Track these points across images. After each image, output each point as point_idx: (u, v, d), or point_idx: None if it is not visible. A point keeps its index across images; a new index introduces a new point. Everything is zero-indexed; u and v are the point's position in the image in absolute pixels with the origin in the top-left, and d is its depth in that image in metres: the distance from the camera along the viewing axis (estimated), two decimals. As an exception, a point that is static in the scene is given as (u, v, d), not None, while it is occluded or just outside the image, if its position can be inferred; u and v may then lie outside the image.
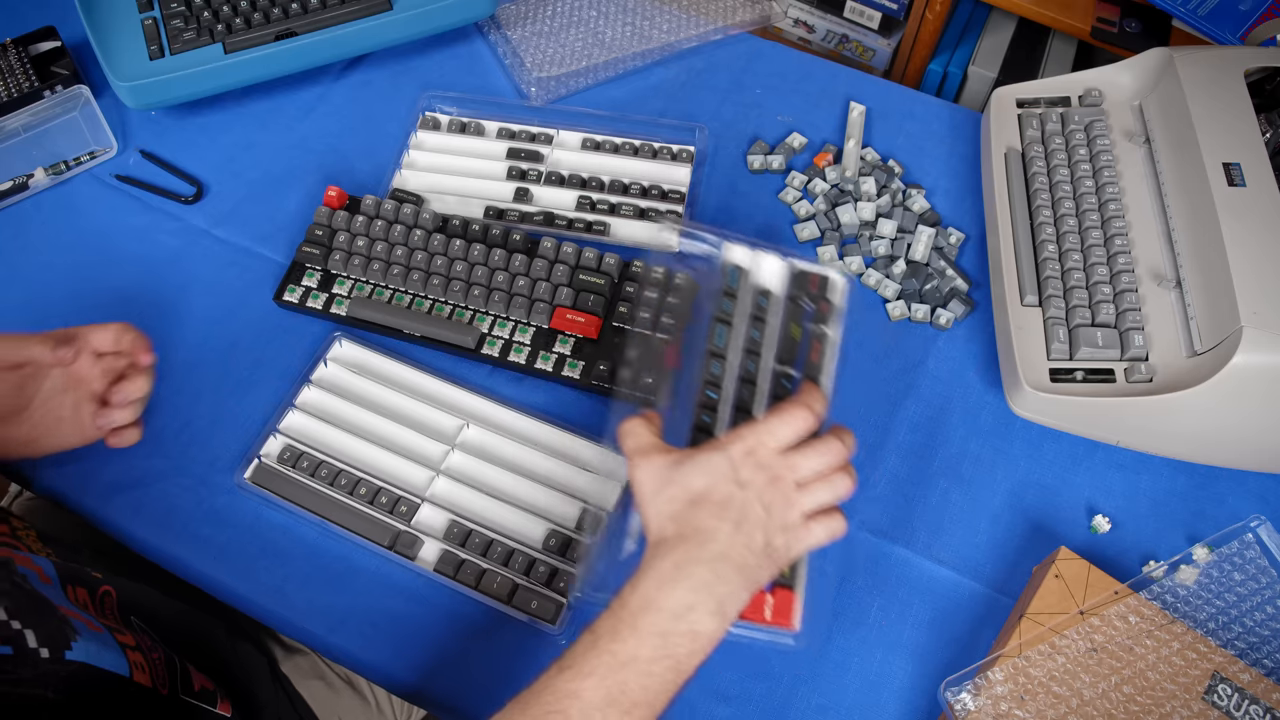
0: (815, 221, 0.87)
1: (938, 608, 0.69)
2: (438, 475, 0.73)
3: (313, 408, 0.76)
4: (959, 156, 0.92)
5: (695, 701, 0.66)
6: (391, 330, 0.79)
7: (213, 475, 0.73)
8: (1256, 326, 0.63)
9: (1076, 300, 0.74)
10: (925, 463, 0.75)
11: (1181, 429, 0.70)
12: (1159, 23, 1.20)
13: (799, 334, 0.66)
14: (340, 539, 0.71)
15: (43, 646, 0.52)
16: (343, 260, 0.82)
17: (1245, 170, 0.71)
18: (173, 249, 0.85)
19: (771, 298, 0.67)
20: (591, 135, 0.92)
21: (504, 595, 0.68)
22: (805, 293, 0.67)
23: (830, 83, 0.97)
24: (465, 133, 0.92)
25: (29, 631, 0.51)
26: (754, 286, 0.67)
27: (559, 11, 1.02)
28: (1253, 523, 0.69)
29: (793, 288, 0.67)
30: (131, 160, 0.91)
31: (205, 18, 0.89)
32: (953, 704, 0.62)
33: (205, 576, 0.70)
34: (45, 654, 0.52)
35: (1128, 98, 0.85)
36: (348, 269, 0.82)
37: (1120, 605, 0.65)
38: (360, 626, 0.68)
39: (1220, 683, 0.62)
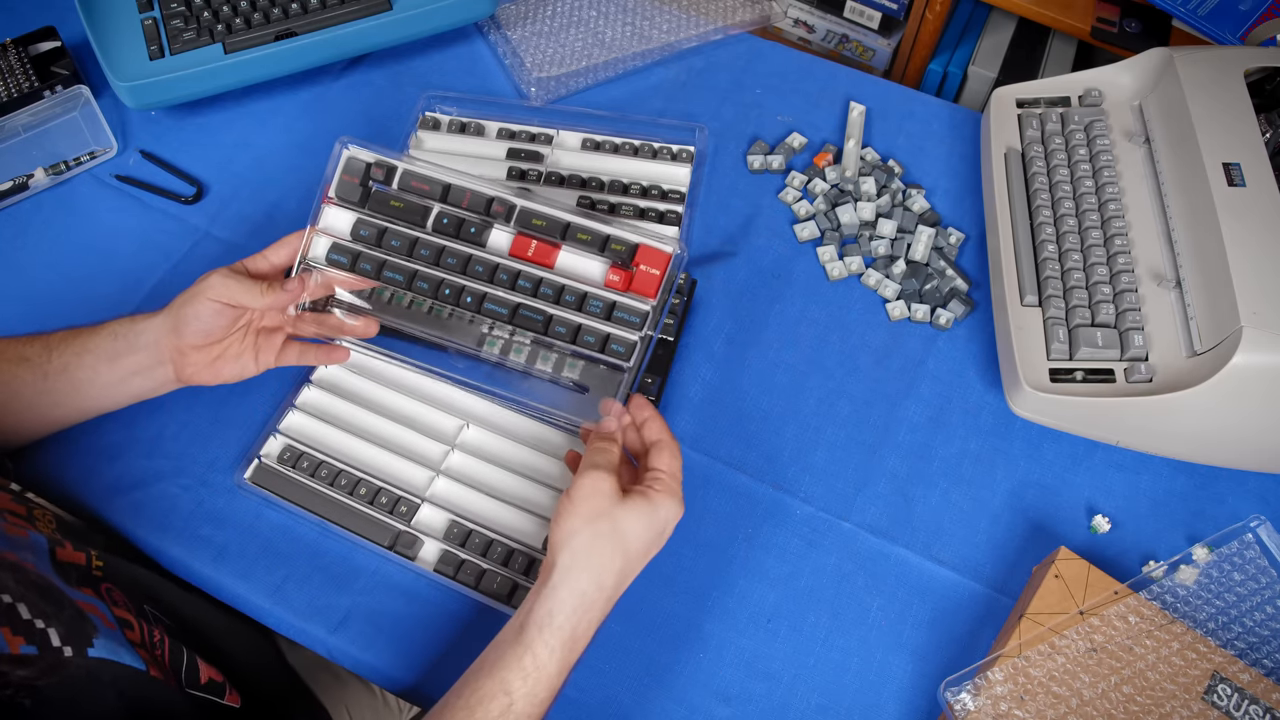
0: (815, 221, 0.87)
1: (938, 608, 0.69)
2: (438, 475, 0.73)
3: (313, 408, 0.76)
4: (959, 156, 0.92)
5: (695, 701, 0.66)
6: (392, 330, 0.79)
7: (213, 475, 0.73)
8: (1256, 326, 0.63)
9: (1076, 300, 0.74)
10: (925, 463, 0.75)
11: (1181, 429, 0.70)
12: (1159, 23, 1.20)
13: (400, 203, 0.70)
14: (340, 539, 0.71)
15: (66, 645, 0.52)
16: (343, 260, 0.81)
17: (1245, 170, 0.71)
18: (173, 249, 0.85)
19: (366, 220, 0.71)
20: (591, 135, 0.92)
21: (504, 595, 0.68)
22: (358, 186, 0.71)
23: (830, 83, 0.97)
24: (465, 133, 0.92)
25: (52, 630, 0.52)
26: (349, 234, 0.71)
27: (559, 11, 1.02)
28: (1253, 523, 0.69)
29: (351, 198, 0.71)
30: (131, 160, 0.91)
31: (205, 18, 0.89)
32: (953, 704, 0.62)
33: (205, 576, 0.70)
34: (69, 652, 0.52)
35: (1128, 98, 0.85)
36: (348, 269, 0.81)
37: (1120, 605, 0.65)
38: (360, 626, 0.68)
39: (1220, 683, 0.62)
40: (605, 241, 0.68)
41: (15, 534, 0.59)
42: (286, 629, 0.69)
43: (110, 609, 0.59)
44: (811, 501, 0.74)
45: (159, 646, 0.61)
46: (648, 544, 0.60)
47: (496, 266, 0.69)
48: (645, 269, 0.67)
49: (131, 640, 0.58)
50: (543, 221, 0.69)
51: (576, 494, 0.59)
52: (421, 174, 0.71)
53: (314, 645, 0.69)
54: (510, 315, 0.68)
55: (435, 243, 0.70)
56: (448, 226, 0.70)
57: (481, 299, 0.68)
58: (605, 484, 0.59)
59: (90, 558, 0.64)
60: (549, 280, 0.68)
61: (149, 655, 0.59)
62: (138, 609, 0.62)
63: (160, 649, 0.61)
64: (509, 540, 0.70)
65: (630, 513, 0.59)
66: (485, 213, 0.70)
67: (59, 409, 0.69)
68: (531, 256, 0.69)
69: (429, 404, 0.76)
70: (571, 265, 0.69)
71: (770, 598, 0.70)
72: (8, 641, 0.49)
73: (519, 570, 0.68)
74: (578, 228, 0.68)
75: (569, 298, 0.68)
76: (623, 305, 0.67)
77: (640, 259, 0.67)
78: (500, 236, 0.70)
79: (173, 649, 0.62)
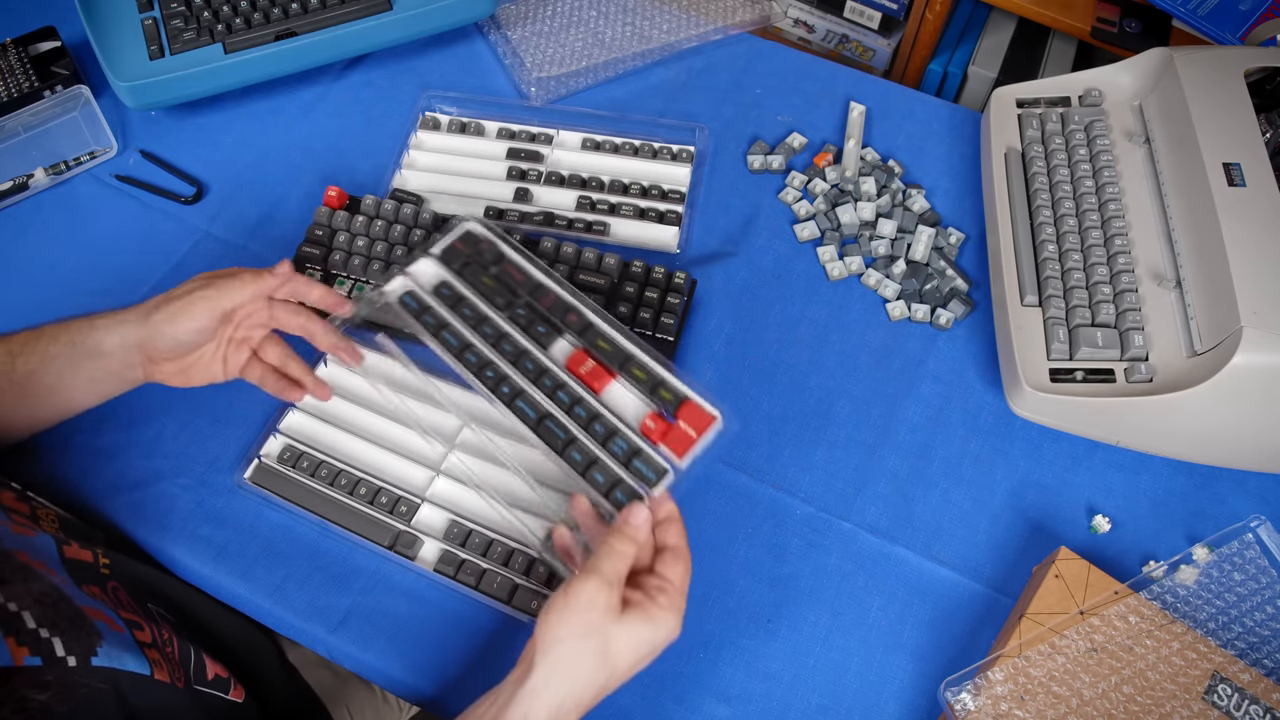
0: (815, 221, 0.87)
1: (938, 608, 0.69)
2: (438, 475, 0.73)
3: (313, 408, 0.76)
4: (959, 156, 0.92)
5: (696, 701, 0.66)
6: (392, 330, 0.79)
7: (213, 475, 0.73)
8: (1256, 326, 0.63)
9: (1076, 300, 0.74)
10: (925, 463, 0.75)
11: (1181, 429, 0.70)
12: (1159, 23, 1.20)
13: (491, 280, 0.71)
14: (340, 539, 0.71)
15: (70, 655, 0.51)
16: (343, 260, 0.82)
17: (1245, 170, 0.71)
18: (173, 249, 0.85)
19: (449, 283, 0.72)
20: (591, 135, 0.92)
21: (504, 595, 0.68)
22: (463, 257, 0.73)
23: (830, 83, 0.97)
24: (465, 133, 0.92)
25: (56, 639, 0.51)
26: (431, 288, 0.72)
27: (559, 11, 1.02)
28: (1253, 523, 0.69)
29: (453, 264, 0.73)
30: (131, 160, 0.91)
31: (205, 18, 0.89)
32: (953, 704, 0.62)
33: (205, 576, 0.70)
34: (73, 662, 0.51)
35: (1128, 98, 0.85)
36: (348, 269, 0.82)
37: (1120, 605, 0.65)
38: (360, 626, 0.68)
39: (1220, 683, 0.62)
40: (658, 386, 0.65)
41: (22, 533, 0.59)
42: (286, 629, 0.69)
43: (117, 611, 0.58)
44: (811, 501, 0.74)
45: (169, 644, 0.61)
46: (636, 662, 0.55)
47: (546, 370, 0.67)
48: (684, 426, 0.64)
49: (142, 641, 0.58)
50: (609, 347, 0.67)
51: (573, 601, 0.54)
52: (521, 266, 0.72)
53: (314, 645, 0.69)
54: (535, 422, 0.66)
55: (503, 328, 0.69)
56: (522, 318, 0.69)
57: (517, 394, 0.67)
58: (606, 598, 0.54)
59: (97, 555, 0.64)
60: (588, 404, 0.66)
61: (159, 655, 0.59)
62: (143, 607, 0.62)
63: (170, 647, 0.61)
64: (509, 540, 0.70)
65: (626, 632, 0.54)
66: (561, 319, 0.69)
67: (35, 411, 0.69)
68: (583, 375, 0.67)
69: (429, 404, 0.76)
70: (617, 397, 0.67)
71: (770, 598, 0.70)
72: (12, 653, 0.48)
73: (519, 570, 0.68)
74: (637, 363, 0.66)
75: (598, 428, 0.65)
76: (646, 457, 0.63)
77: (684, 414, 0.64)
78: (564, 346, 0.69)
79: (181, 646, 0.62)
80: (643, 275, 0.80)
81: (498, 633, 0.68)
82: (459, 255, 0.73)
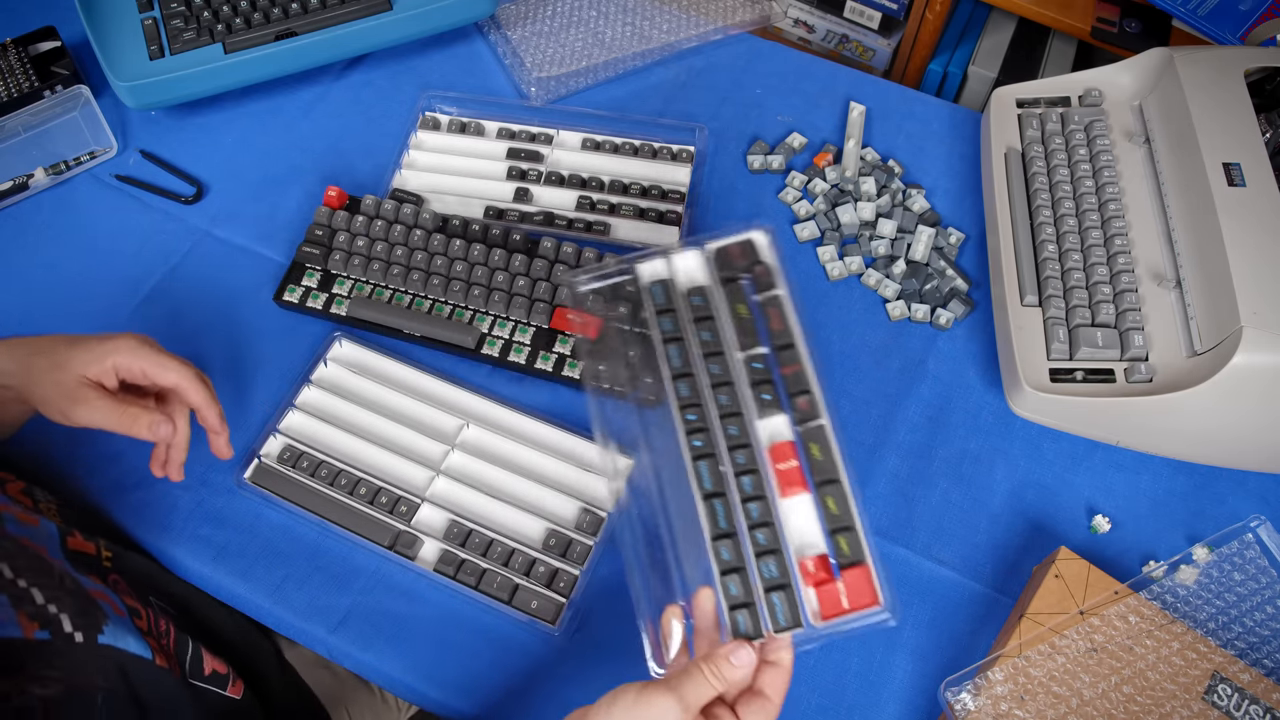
0: (815, 221, 0.87)
1: (938, 608, 0.69)
2: (438, 475, 0.73)
3: (313, 408, 0.76)
4: (959, 156, 0.92)
5: (695, 701, 0.66)
6: (391, 330, 0.79)
7: (213, 475, 0.73)
8: (1256, 326, 0.63)
9: (1076, 300, 0.74)
10: (925, 463, 0.75)
11: (1181, 429, 0.70)
12: (1159, 23, 1.20)
13: (747, 311, 0.63)
14: (340, 539, 0.71)
15: (77, 631, 0.52)
16: (343, 260, 0.82)
17: (1245, 170, 0.71)
18: (173, 249, 0.85)
19: (706, 291, 0.64)
20: (591, 135, 0.92)
21: (504, 595, 0.68)
22: (733, 268, 0.65)
23: (830, 83, 0.97)
24: (465, 133, 0.92)
25: (64, 616, 0.52)
26: (682, 290, 0.65)
27: (559, 11, 1.02)
28: (1253, 523, 0.69)
29: (720, 269, 0.65)
30: (131, 160, 0.91)
31: (205, 18, 0.89)
32: (953, 704, 0.62)
33: (205, 576, 0.70)
34: (80, 638, 0.52)
35: (1128, 98, 0.85)
36: (348, 269, 0.82)
37: (1120, 605, 0.65)
38: (360, 626, 0.68)
39: (1220, 683, 0.62)
40: (844, 530, 0.57)
41: (27, 521, 0.59)
42: (286, 629, 0.69)
43: (120, 597, 0.59)
44: (811, 501, 0.73)
45: (165, 636, 0.62)
46: None
47: (747, 445, 0.60)
48: (843, 590, 0.56)
49: (140, 628, 0.58)
50: (821, 457, 0.59)
51: (643, 709, 0.51)
52: (785, 312, 0.64)
53: (314, 645, 0.69)
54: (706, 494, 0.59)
55: (733, 374, 0.62)
56: (758, 372, 0.62)
57: (707, 456, 0.60)
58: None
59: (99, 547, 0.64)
60: (767, 505, 0.58)
61: (156, 644, 0.59)
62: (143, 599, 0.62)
63: (166, 638, 0.62)
64: (509, 540, 0.70)
65: None
66: (792, 396, 0.61)
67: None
68: (780, 470, 0.59)
69: (429, 404, 0.76)
70: (797, 514, 0.59)
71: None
72: (23, 627, 0.49)
73: (519, 570, 0.68)
74: (838, 493, 0.58)
75: (761, 538, 0.58)
76: (789, 597, 0.56)
77: (851, 577, 0.56)
78: (778, 426, 0.61)
79: (178, 639, 0.63)
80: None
81: (498, 633, 0.68)
82: (730, 264, 0.64)
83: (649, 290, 0.65)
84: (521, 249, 0.82)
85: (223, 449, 0.68)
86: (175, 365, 0.64)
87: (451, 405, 0.76)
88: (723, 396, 0.61)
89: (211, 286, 0.83)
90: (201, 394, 0.65)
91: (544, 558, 0.69)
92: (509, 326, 0.79)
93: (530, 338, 0.78)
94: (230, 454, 0.69)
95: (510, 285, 0.80)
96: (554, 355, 0.77)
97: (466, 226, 0.83)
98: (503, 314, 0.79)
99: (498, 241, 0.82)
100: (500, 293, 0.79)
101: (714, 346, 0.62)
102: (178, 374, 0.64)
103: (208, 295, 0.83)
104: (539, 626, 0.67)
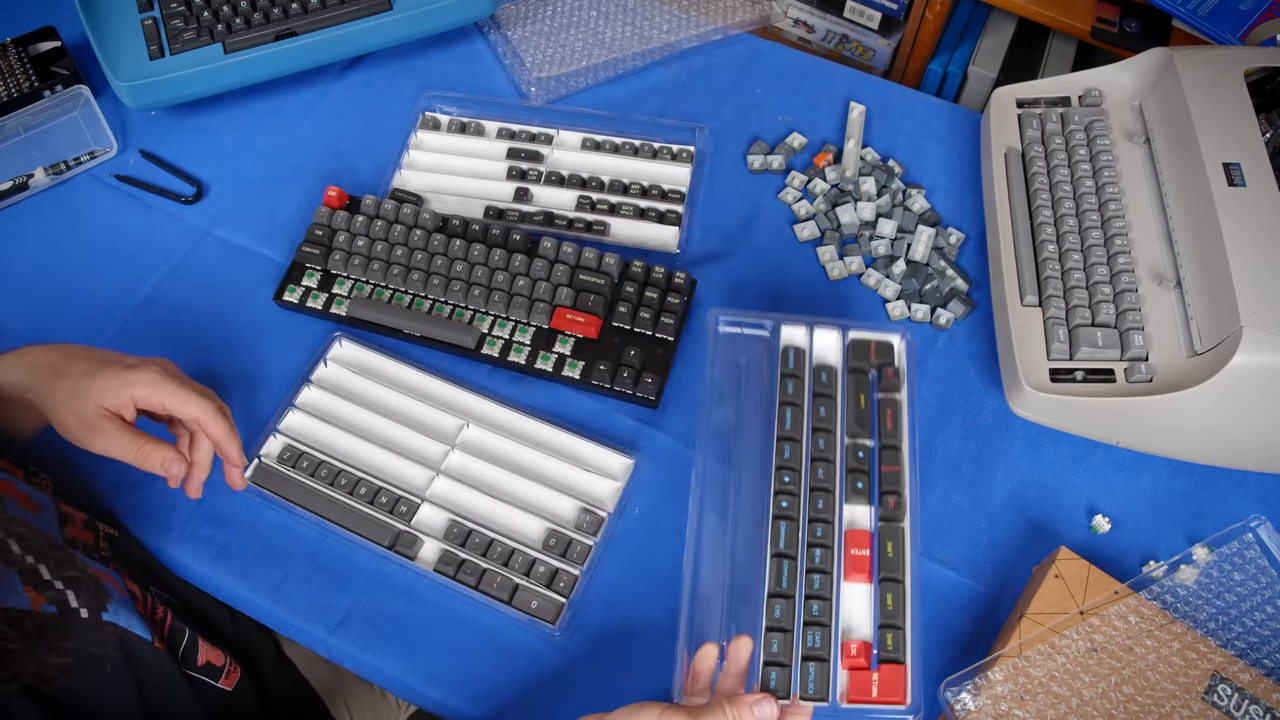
0: (815, 221, 0.87)
1: (938, 608, 0.69)
2: (438, 475, 0.73)
3: (313, 408, 0.76)
4: (959, 156, 0.92)
5: (695, 701, 0.66)
6: (391, 330, 0.79)
7: (213, 475, 0.73)
8: (1256, 326, 0.63)
9: (1076, 300, 0.74)
10: (925, 463, 0.75)
11: (1181, 429, 0.70)
12: (1159, 23, 1.20)
13: (866, 404, 0.67)
14: (340, 539, 0.71)
15: (83, 607, 0.53)
16: (343, 260, 0.82)
17: (1245, 170, 0.71)
18: (173, 249, 0.85)
19: (832, 372, 0.69)
20: (591, 135, 0.92)
21: (504, 595, 0.68)
22: (866, 361, 0.69)
23: (830, 83, 0.97)
24: (465, 133, 0.92)
25: (70, 592, 0.53)
26: (814, 364, 0.69)
27: (559, 11, 1.02)
28: (1253, 523, 0.69)
29: (853, 358, 0.69)
30: (131, 160, 0.91)
31: (205, 18, 0.89)
32: (953, 704, 0.62)
33: (205, 576, 0.70)
34: (85, 614, 0.53)
35: (1128, 98, 0.85)
36: (348, 269, 0.82)
37: (1120, 605, 0.65)
38: (360, 626, 0.68)
39: (1220, 683, 0.62)
40: (891, 628, 0.61)
41: (27, 509, 0.60)
42: (286, 629, 0.69)
43: (122, 579, 0.60)
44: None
45: (163, 623, 0.63)
46: None
47: (829, 522, 0.64)
48: (876, 681, 0.60)
49: (140, 611, 0.59)
50: (893, 555, 0.63)
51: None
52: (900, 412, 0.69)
53: (314, 645, 0.69)
54: (775, 552, 0.63)
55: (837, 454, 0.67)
56: (859, 461, 0.67)
57: (789, 518, 0.64)
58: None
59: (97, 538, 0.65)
60: (828, 582, 0.62)
61: (154, 629, 0.60)
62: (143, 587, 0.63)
63: (164, 625, 0.62)
64: (509, 540, 0.70)
65: None
66: (882, 490, 0.66)
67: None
68: (850, 555, 0.63)
69: (429, 404, 0.76)
70: (854, 599, 0.63)
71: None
72: (31, 600, 0.50)
73: (519, 570, 0.68)
74: (897, 593, 0.62)
75: (815, 609, 0.61)
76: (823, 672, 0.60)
77: (886, 671, 0.60)
78: (859, 515, 0.66)
79: (174, 627, 0.63)
80: (643, 275, 0.80)
81: (498, 633, 0.68)
82: (864, 356, 0.70)
83: (784, 353, 0.69)
84: (521, 249, 0.82)
85: (237, 481, 0.68)
86: (195, 400, 0.63)
87: (451, 405, 0.76)
88: (820, 471, 0.65)
89: (211, 286, 0.83)
90: (221, 428, 0.64)
91: (544, 558, 0.69)
92: (509, 326, 0.79)
93: (530, 338, 0.78)
94: (244, 485, 0.69)
95: (510, 285, 0.80)
96: (554, 355, 0.77)
97: (466, 226, 0.83)
98: (503, 314, 0.79)
99: (498, 241, 0.82)
100: (500, 293, 0.79)
101: (826, 424, 0.67)
102: (198, 408, 0.63)
103: (208, 295, 0.83)
104: (539, 626, 0.67)
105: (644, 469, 0.74)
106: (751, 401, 0.70)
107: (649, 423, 0.77)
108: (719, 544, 0.66)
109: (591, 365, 0.76)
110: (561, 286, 0.80)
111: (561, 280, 0.80)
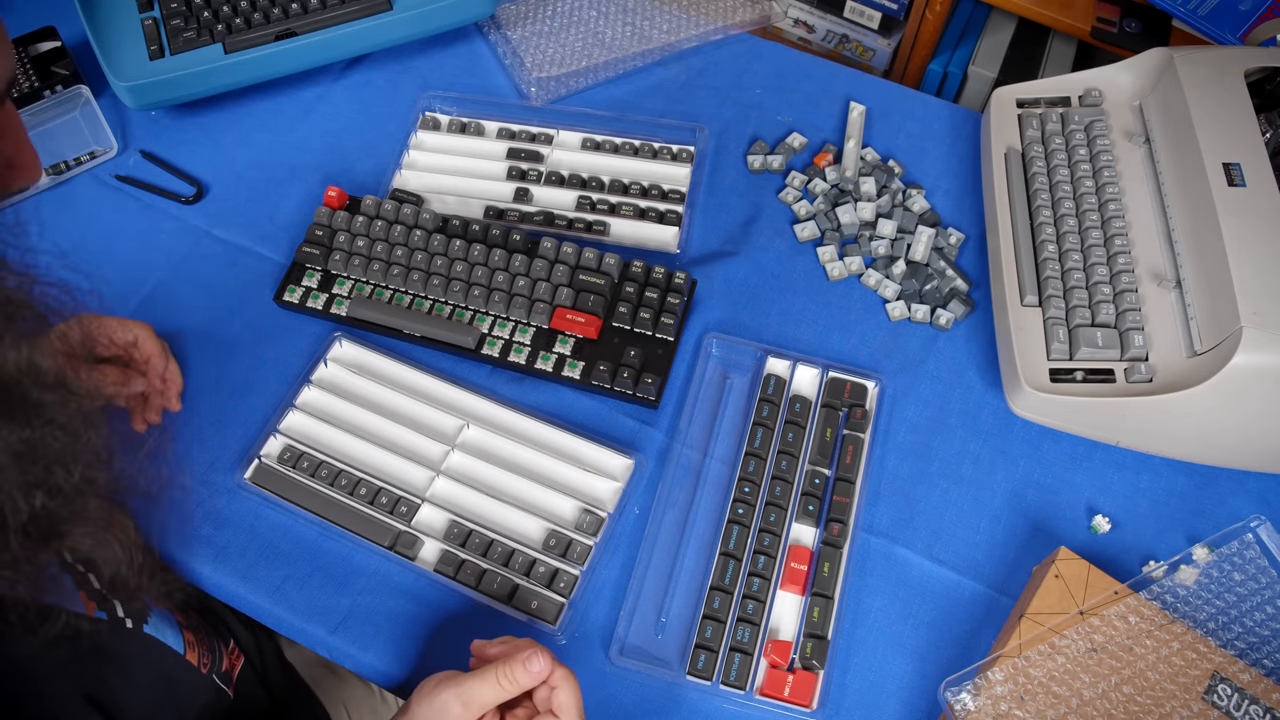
0: (815, 221, 0.87)
1: (938, 608, 0.69)
2: (438, 475, 0.73)
3: (313, 408, 0.76)
4: (959, 156, 0.92)
5: (698, 702, 0.66)
6: (391, 330, 0.79)
7: (213, 475, 0.73)
8: (1256, 326, 0.63)
9: (1076, 300, 0.74)
10: (925, 463, 0.75)
11: (1181, 429, 0.70)
12: (1159, 23, 1.20)
13: (832, 437, 0.74)
14: (340, 539, 0.71)
15: (128, 618, 0.56)
16: (343, 260, 0.82)
17: (1245, 170, 0.71)
18: (173, 249, 0.85)
19: (807, 404, 0.75)
20: (591, 135, 0.92)
21: (504, 595, 0.68)
22: (840, 399, 0.75)
23: (830, 83, 0.97)
24: (465, 133, 0.92)
25: (117, 602, 0.56)
26: (790, 394, 0.76)
27: (559, 11, 1.02)
28: (1253, 523, 0.69)
29: (827, 395, 0.76)
30: (131, 160, 0.91)
31: (205, 18, 0.89)
32: (953, 704, 0.62)
33: (205, 576, 0.70)
34: (130, 624, 0.56)
35: (1128, 98, 0.85)
36: (348, 269, 0.82)
37: (1120, 605, 0.65)
38: (360, 626, 0.68)
39: (1220, 683, 0.62)
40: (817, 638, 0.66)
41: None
42: (286, 629, 0.69)
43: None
44: (811, 501, 0.73)
45: (201, 630, 0.65)
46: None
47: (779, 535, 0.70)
48: (790, 682, 0.65)
49: (179, 622, 0.62)
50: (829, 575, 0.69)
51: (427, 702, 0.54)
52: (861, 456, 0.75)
53: (314, 645, 0.69)
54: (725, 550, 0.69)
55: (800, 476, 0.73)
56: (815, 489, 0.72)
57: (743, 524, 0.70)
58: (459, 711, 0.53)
59: None
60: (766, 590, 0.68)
61: (194, 637, 0.63)
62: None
63: (203, 632, 0.65)
64: (509, 540, 0.70)
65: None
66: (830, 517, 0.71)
67: None
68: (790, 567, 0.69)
69: (429, 404, 0.76)
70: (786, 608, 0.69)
71: (770, 598, 0.70)
72: (85, 604, 0.53)
73: (519, 570, 0.68)
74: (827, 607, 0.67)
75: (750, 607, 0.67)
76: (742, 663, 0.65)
77: (801, 677, 0.65)
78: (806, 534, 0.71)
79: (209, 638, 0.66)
80: (643, 275, 0.80)
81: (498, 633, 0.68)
82: (838, 394, 0.76)
83: (766, 380, 0.76)
84: (521, 249, 0.82)
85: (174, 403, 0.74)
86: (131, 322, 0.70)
87: (451, 405, 0.76)
88: (778, 489, 0.71)
89: (211, 286, 0.83)
90: (156, 343, 0.71)
91: (544, 558, 0.69)
92: (509, 327, 0.79)
93: (530, 338, 0.78)
94: (179, 407, 0.75)
95: (510, 285, 0.80)
96: (554, 355, 0.77)
97: (466, 226, 0.83)
98: (503, 314, 0.79)
99: (498, 242, 0.82)
100: (500, 293, 0.79)
101: (791, 448, 0.73)
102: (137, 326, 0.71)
103: (208, 295, 0.83)
104: (539, 626, 0.67)
105: (644, 469, 0.74)
106: (729, 416, 0.76)
107: (649, 423, 0.77)
108: (675, 536, 0.71)
109: (591, 365, 0.76)
110: (561, 287, 0.80)
111: (561, 280, 0.80)
